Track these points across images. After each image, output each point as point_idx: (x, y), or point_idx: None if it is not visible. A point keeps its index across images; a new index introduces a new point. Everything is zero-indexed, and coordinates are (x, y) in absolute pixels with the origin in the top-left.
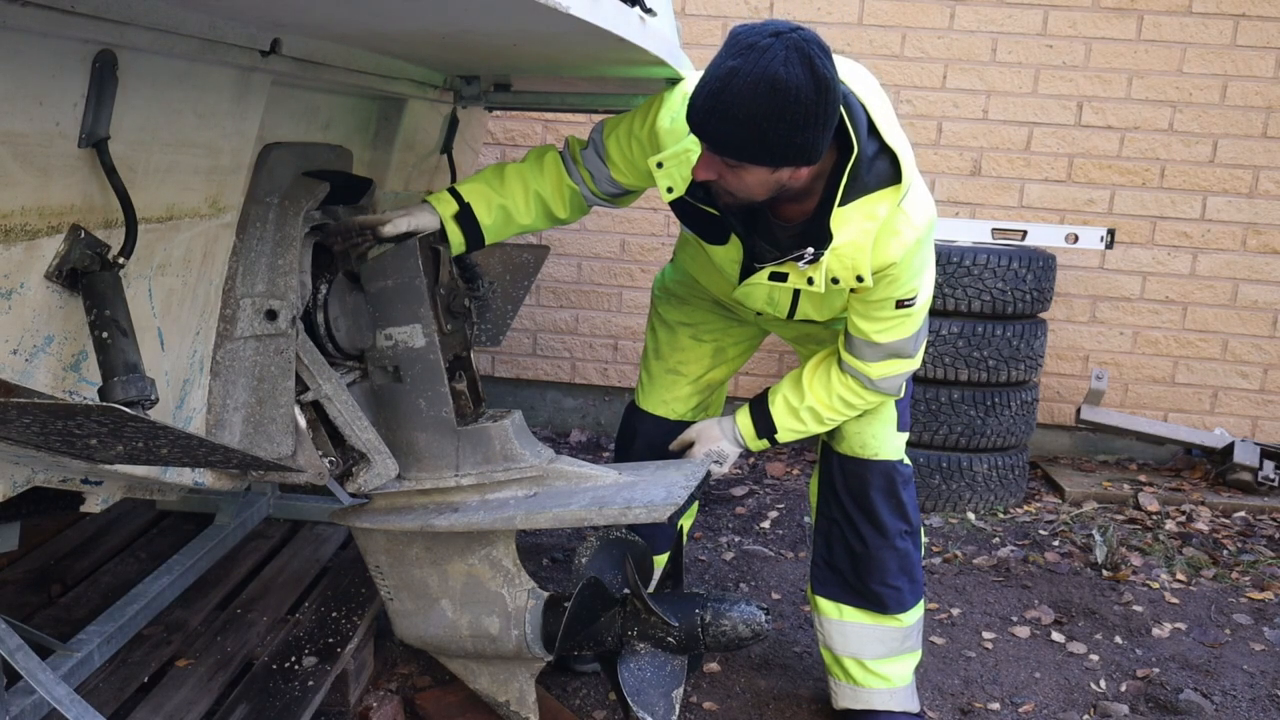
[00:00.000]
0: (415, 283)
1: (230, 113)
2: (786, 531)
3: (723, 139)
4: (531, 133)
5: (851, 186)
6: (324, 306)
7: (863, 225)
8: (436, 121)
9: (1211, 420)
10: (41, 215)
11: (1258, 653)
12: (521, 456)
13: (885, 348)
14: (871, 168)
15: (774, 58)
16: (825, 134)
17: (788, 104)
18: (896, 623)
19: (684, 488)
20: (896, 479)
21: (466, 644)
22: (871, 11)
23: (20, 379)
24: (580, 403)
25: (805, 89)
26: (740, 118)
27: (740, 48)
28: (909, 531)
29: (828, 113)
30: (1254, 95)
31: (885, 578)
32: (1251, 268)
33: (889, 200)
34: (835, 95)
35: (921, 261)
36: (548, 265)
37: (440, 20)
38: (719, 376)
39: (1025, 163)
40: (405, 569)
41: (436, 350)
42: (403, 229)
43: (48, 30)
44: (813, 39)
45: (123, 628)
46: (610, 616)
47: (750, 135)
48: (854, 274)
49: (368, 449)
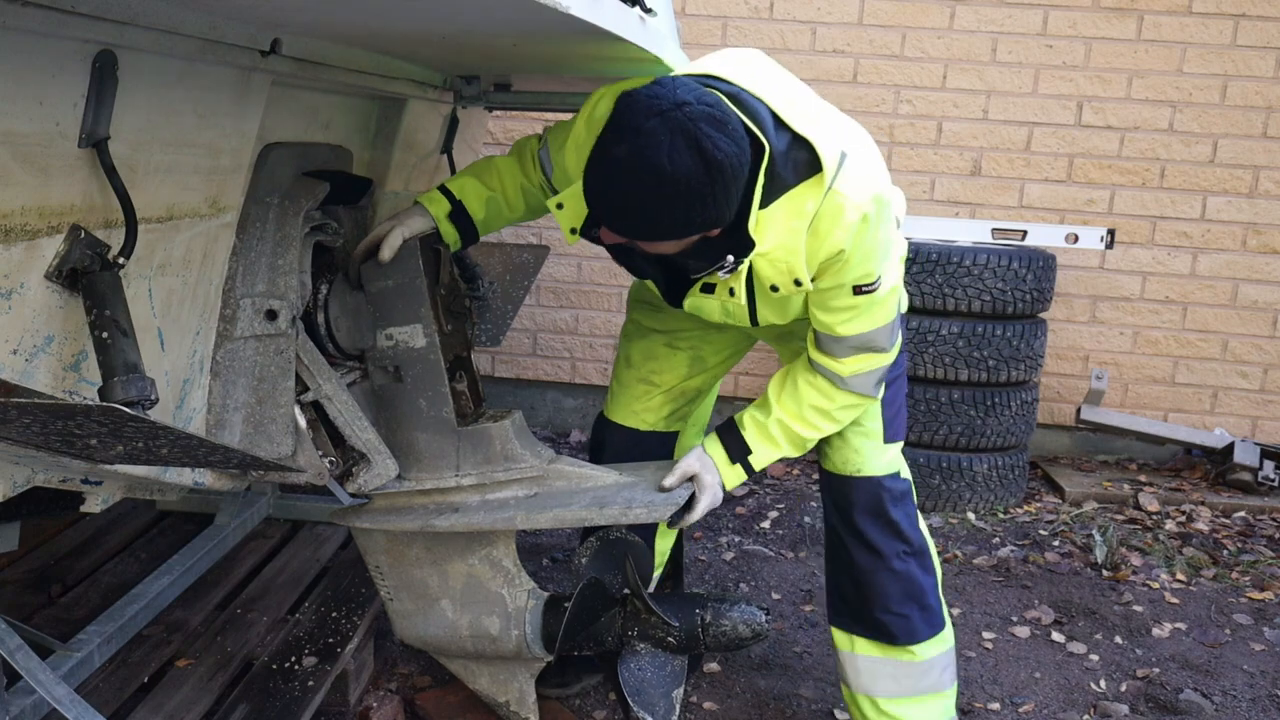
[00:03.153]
0: (416, 283)
1: (230, 113)
2: (786, 531)
3: (619, 228)
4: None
5: (770, 186)
6: (325, 306)
7: (790, 224)
8: (436, 121)
9: (1211, 420)
10: (41, 215)
11: (1258, 653)
12: (522, 457)
13: (852, 340)
14: (788, 162)
15: (657, 146)
16: (729, 205)
17: (678, 193)
18: (909, 656)
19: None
20: (884, 496)
21: (466, 644)
22: (871, 11)
23: (20, 379)
24: (580, 403)
25: (695, 175)
26: (632, 209)
27: (625, 130)
28: (909, 552)
29: (727, 187)
30: (1254, 95)
31: (888, 604)
32: (1251, 268)
33: (814, 192)
34: (733, 169)
35: (875, 242)
36: (548, 265)
37: (440, 20)
38: (697, 385)
39: (1025, 163)
40: (405, 569)
41: (437, 350)
42: (398, 243)
43: (48, 30)
44: (700, 115)
45: (123, 628)
46: (610, 616)
47: (645, 224)
48: (790, 277)
49: (368, 449)
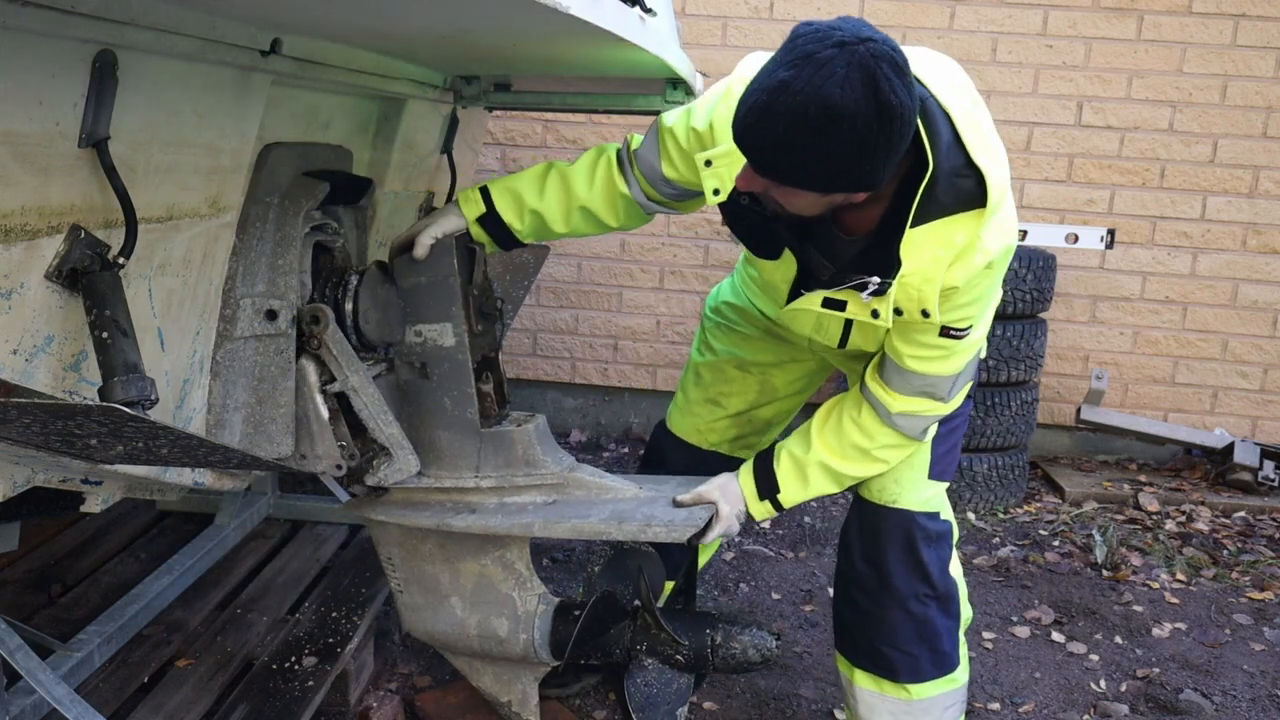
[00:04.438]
0: (449, 281)
1: (230, 113)
2: (786, 531)
3: (763, 160)
4: (531, 132)
5: (925, 207)
6: (355, 297)
7: (935, 253)
8: (436, 121)
9: (1211, 420)
10: (41, 215)
11: (1258, 653)
12: (543, 463)
13: (916, 381)
14: (951, 186)
15: (831, 75)
16: (888, 161)
17: (840, 132)
18: (905, 694)
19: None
20: (917, 534)
21: (473, 643)
22: (871, 11)
23: (20, 379)
24: (580, 403)
25: (864, 116)
26: (785, 141)
27: (797, 56)
28: (931, 596)
29: (891, 141)
30: (1254, 95)
31: (896, 641)
32: (1251, 268)
33: (969, 226)
34: (903, 122)
35: (984, 290)
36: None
37: (440, 20)
38: (766, 415)
39: (1025, 163)
40: (417, 563)
41: (466, 350)
42: (430, 242)
43: (48, 30)
44: (884, 55)
45: (123, 628)
46: (620, 629)
47: (794, 161)
48: (919, 306)
49: (390, 444)
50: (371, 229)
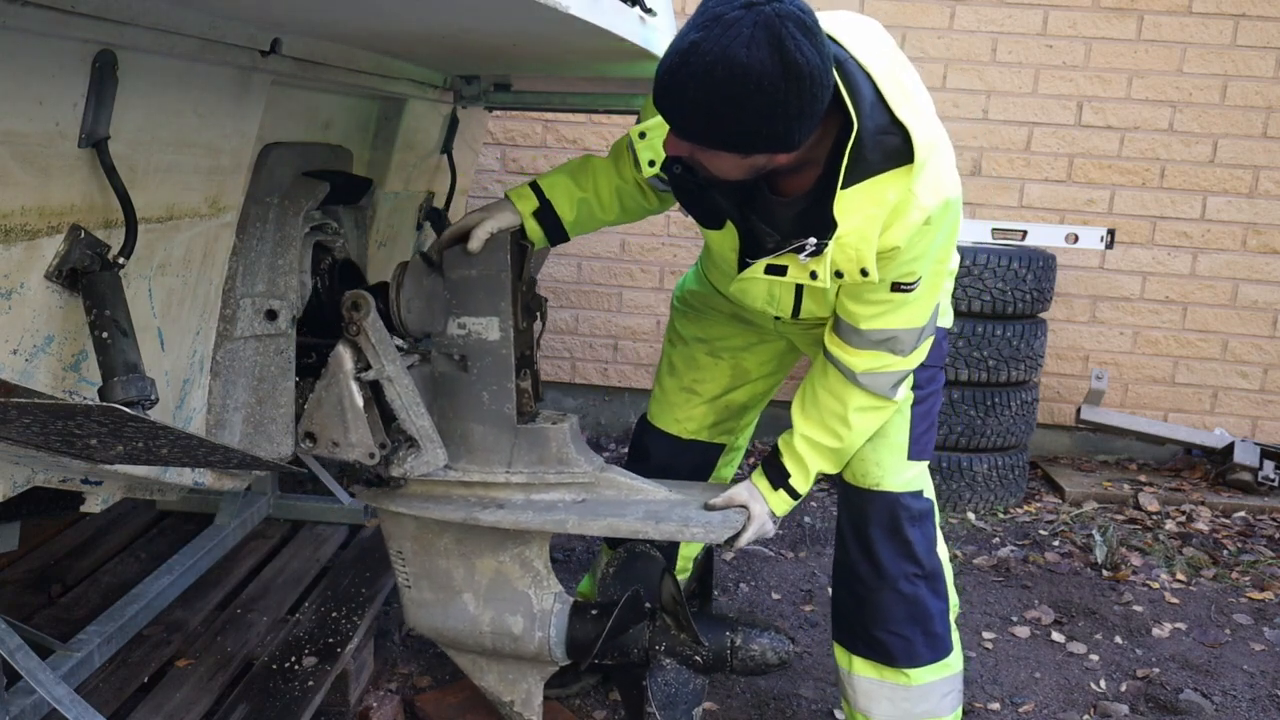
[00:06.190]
0: (501, 276)
1: (230, 113)
2: (786, 531)
3: (680, 123)
4: (531, 133)
5: (854, 167)
6: (400, 285)
7: (868, 211)
8: (436, 121)
9: (1211, 420)
10: (41, 215)
11: (1258, 653)
12: (576, 461)
13: (872, 335)
14: (878, 145)
15: (737, 36)
16: (800, 123)
17: (749, 92)
18: (904, 679)
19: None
20: (901, 515)
21: (486, 640)
22: (871, 11)
23: (20, 379)
24: (580, 403)
25: (770, 75)
26: (697, 102)
27: (707, 18)
28: (920, 575)
29: (802, 101)
30: (1254, 95)
31: (889, 624)
32: (1251, 268)
33: (900, 183)
34: (813, 81)
35: (927, 245)
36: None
37: (440, 20)
38: (741, 399)
39: (1025, 163)
40: (430, 558)
41: (510, 345)
42: (486, 235)
43: (48, 30)
44: (790, 14)
45: (123, 628)
46: (639, 630)
47: (708, 122)
48: (858, 266)
49: (420, 436)
50: (371, 229)
